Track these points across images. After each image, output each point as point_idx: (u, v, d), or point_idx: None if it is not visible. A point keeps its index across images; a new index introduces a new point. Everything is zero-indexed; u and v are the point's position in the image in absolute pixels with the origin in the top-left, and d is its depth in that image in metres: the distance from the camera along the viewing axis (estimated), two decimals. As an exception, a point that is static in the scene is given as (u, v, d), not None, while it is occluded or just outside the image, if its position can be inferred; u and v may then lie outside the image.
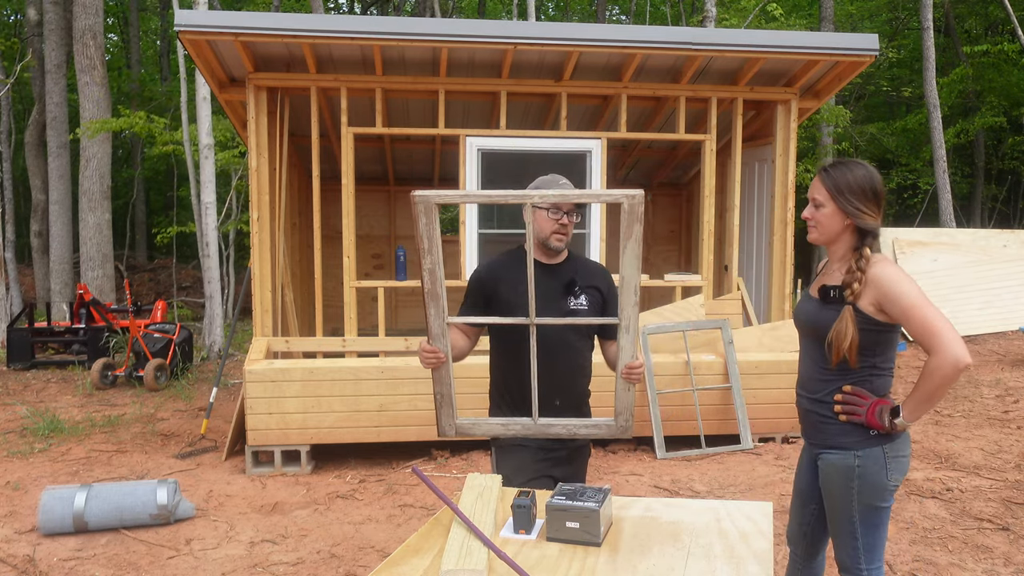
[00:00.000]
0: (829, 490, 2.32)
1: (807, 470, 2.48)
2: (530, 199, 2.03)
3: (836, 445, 2.27)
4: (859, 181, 2.22)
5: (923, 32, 12.93)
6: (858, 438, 2.24)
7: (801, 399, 2.39)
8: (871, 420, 2.21)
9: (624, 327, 2.14)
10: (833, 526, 2.36)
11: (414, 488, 4.92)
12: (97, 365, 8.14)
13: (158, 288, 17.06)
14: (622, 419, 2.29)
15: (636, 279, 2.07)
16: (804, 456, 2.51)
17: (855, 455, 2.24)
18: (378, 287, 6.28)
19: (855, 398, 2.24)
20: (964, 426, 6.06)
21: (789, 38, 5.88)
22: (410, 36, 5.49)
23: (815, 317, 2.29)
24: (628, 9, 22.72)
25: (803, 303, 2.41)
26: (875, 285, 2.16)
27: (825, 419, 2.30)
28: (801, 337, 2.42)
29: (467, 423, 2.39)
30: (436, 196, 2.05)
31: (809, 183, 3.24)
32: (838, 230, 2.26)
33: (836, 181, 2.23)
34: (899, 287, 2.13)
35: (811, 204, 2.29)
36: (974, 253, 10.28)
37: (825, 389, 2.29)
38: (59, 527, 4.09)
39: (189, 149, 10.79)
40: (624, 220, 2.00)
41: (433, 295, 2.19)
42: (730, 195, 6.72)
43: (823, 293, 2.27)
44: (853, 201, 2.21)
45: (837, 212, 2.23)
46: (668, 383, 5.69)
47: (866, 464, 2.23)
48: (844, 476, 2.26)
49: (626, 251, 2.03)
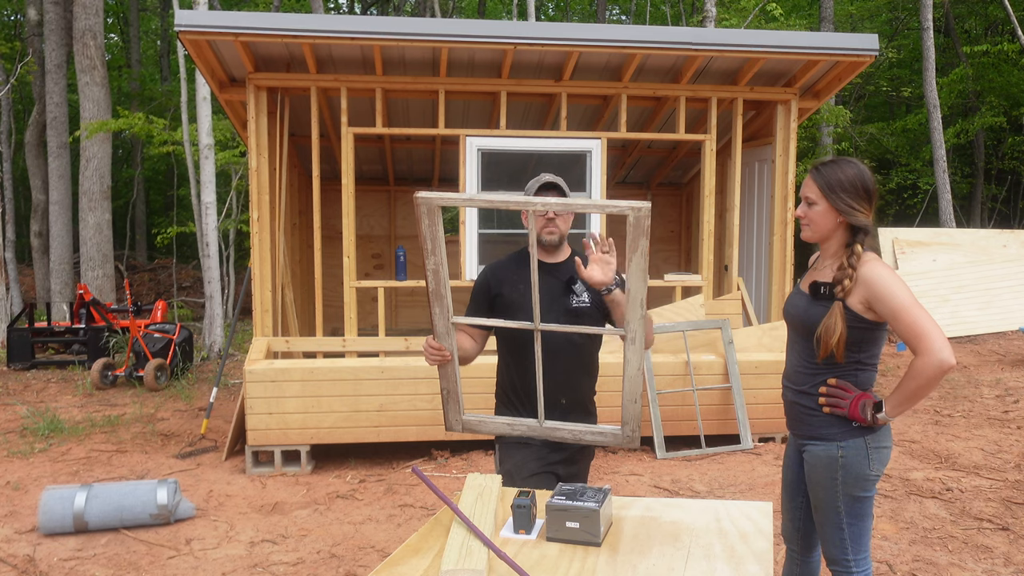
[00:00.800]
0: (815, 481, 2.35)
1: (793, 463, 2.52)
2: (532, 206, 2.02)
3: (820, 436, 2.32)
4: (850, 179, 2.24)
5: (923, 32, 12.93)
6: (841, 429, 2.28)
7: (787, 391, 2.43)
8: (854, 413, 2.25)
9: (630, 339, 2.13)
10: (819, 518, 2.38)
11: (414, 488, 4.92)
12: (97, 365, 8.14)
13: (158, 288, 17.06)
14: (628, 428, 2.28)
15: (643, 293, 2.05)
16: (789, 449, 2.54)
17: (838, 446, 2.28)
18: (378, 287, 6.28)
19: (839, 391, 2.28)
20: (964, 426, 6.06)
21: (789, 38, 5.88)
22: (410, 36, 5.49)
23: (804, 312, 2.32)
24: (628, 9, 22.74)
25: (794, 297, 2.43)
26: (865, 284, 2.19)
27: (810, 411, 2.34)
28: (789, 330, 2.45)
29: (474, 420, 2.40)
30: (439, 198, 2.04)
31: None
32: (831, 228, 2.29)
33: (828, 179, 2.25)
34: (889, 288, 2.16)
35: (803, 202, 2.31)
36: (974, 253, 10.28)
37: (811, 382, 2.33)
38: (59, 527, 4.09)
39: (189, 149, 10.79)
40: (630, 233, 1.98)
41: (437, 295, 2.20)
42: (730, 195, 6.72)
43: (814, 289, 2.29)
44: (845, 199, 2.24)
45: (829, 210, 2.26)
46: (668, 383, 5.69)
47: (848, 455, 2.28)
48: (828, 467, 2.30)
49: (632, 264, 2.01)
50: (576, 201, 2.04)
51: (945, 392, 7.25)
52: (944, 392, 7.25)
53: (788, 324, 2.44)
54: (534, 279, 2.15)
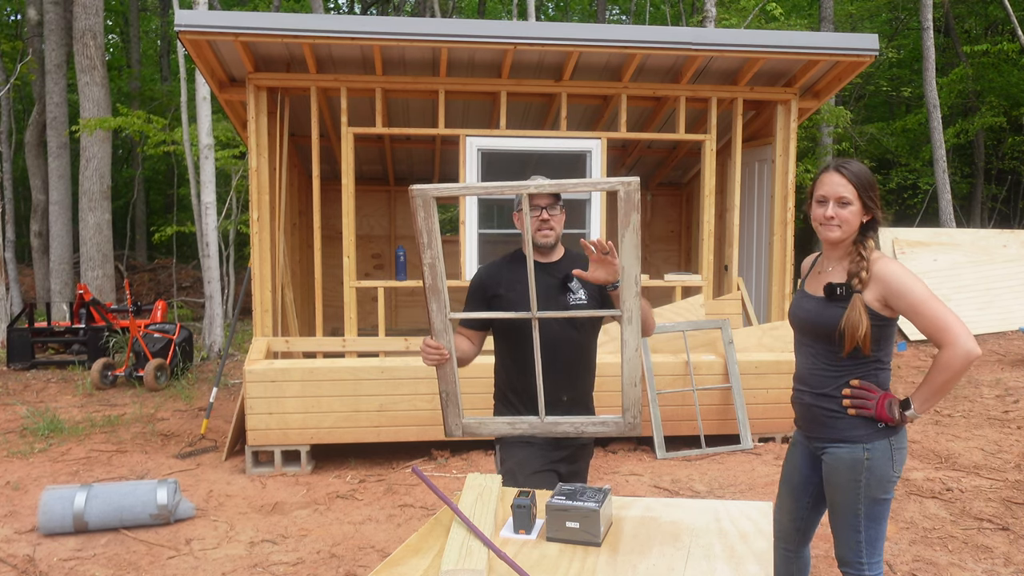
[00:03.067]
0: (836, 484, 2.34)
1: (803, 465, 2.50)
2: (526, 190, 2.04)
3: (845, 439, 2.30)
4: (871, 176, 2.29)
5: (923, 32, 12.93)
6: (867, 431, 2.28)
7: (802, 395, 2.41)
8: (881, 414, 2.25)
9: (627, 319, 2.14)
10: (835, 520, 2.37)
11: (414, 488, 4.92)
12: (97, 365, 8.14)
13: (158, 288, 17.06)
14: (630, 415, 2.28)
15: (636, 269, 2.07)
16: (798, 452, 2.53)
17: (864, 448, 2.28)
18: (378, 287, 6.28)
19: (864, 392, 2.27)
20: (964, 426, 6.06)
21: (789, 38, 5.88)
22: (410, 36, 5.49)
23: (819, 314, 2.31)
24: (628, 9, 22.73)
25: (802, 301, 2.42)
26: (881, 281, 2.21)
27: (833, 413, 2.32)
28: (800, 335, 2.43)
29: (473, 422, 2.39)
30: (434, 190, 2.05)
31: (809, 183, 3.26)
32: (857, 226, 2.30)
33: (859, 178, 2.26)
34: (907, 283, 2.18)
35: (834, 203, 2.27)
36: (974, 253, 10.28)
37: (833, 384, 2.31)
38: (59, 527, 4.09)
39: (189, 149, 10.79)
40: (621, 208, 1.99)
41: (434, 290, 2.19)
42: (730, 195, 6.72)
43: (829, 291, 2.29)
44: (872, 196, 2.28)
45: (861, 208, 2.27)
46: (668, 383, 5.69)
47: (874, 457, 2.27)
48: (852, 469, 2.29)
49: (624, 240, 2.03)
50: (567, 182, 2.07)
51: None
52: (944, 392, 7.25)
53: (797, 328, 2.43)
54: (530, 266, 2.16)
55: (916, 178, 16.47)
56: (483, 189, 2.07)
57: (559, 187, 2.09)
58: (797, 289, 2.53)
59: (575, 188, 2.06)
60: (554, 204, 2.60)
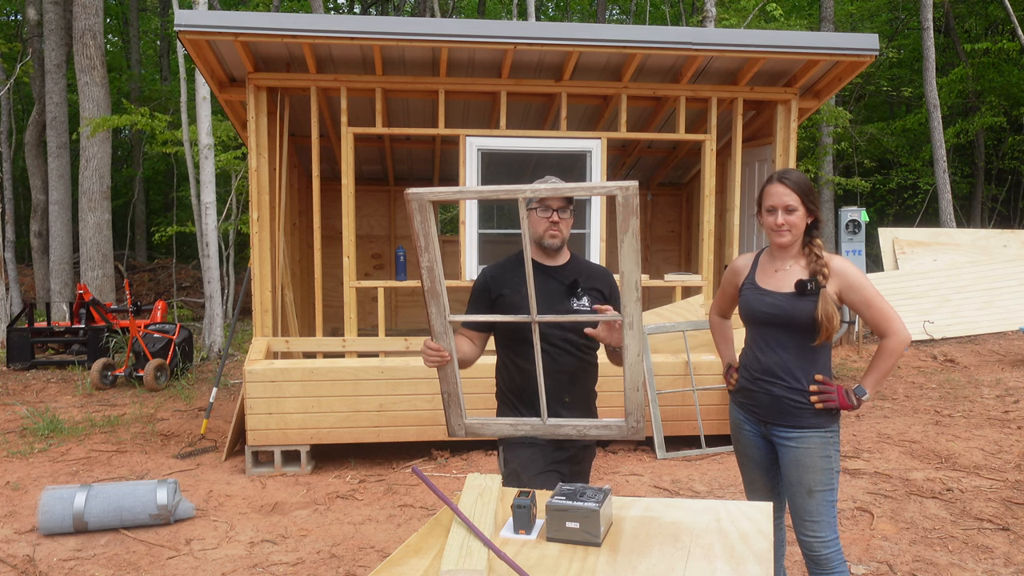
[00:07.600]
0: (810, 465, 2.54)
1: (762, 445, 2.70)
2: (522, 193, 2.03)
3: (813, 425, 2.55)
4: (809, 183, 2.57)
5: (923, 32, 12.93)
6: (828, 417, 2.56)
7: (774, 386, 2.58)
8: (843, 402, 2.52)
9: (628, 323, 2.13)
10: (813, 502, 2.56)
11: (414, 488, 4.92)
12: (97, 365, 8.14)
13: (158, 288, 17.06)
14: (632, 419, 2.28)
15: (636, 274, 2.06)
16: (750, 436, 2.72)
17: (827, 431, 2.55)
18: (378, 287, 6.28)
19: (826, 386, 2.53)
20: (964, 426, 6.06)
21: (789, 38, 5.87)
22: (410, 36, 5.49)
23: (791, 309, 2.51)
24: (628, 9, 22.73)
25: (763, 297, 2.58)
26: (840, 276, 2.50)
27: (803, 404, 2.55)
28: (763, 328, 2.60)
29: (476, 423, 2.39)
30: (430, 193, 2.05)
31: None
32: (803, 228, 2.56)
33: (800, 186, 2.52)
34: (861, 279, 2.50)
35: (782, 211, 2.52)
36: (974, 253, 10.28)
37: (805, 376, 2.55)
38: (59, 527, 4.09)
39: (189, 149, 10.79)
40: (620, 213, 1.99)
41: (433, 293, 2.19)
42: (730, 195, 6.72)
43: (800, 286, 2.50)
44: (813, 200, 2.56)
45: (806, 213, 2.53)
46: (668, 383, 5.69)
47: (835, 437, 2.58)
48: (824, 450, 2.54)
49: (624, 245, 2.02)
50: (565, 185, 2.06)
51: (945, 392, 7.25)
52: (944, 392, 7.25)
53: (762, 323, 2.60)
54: (528, 269, 2.15)
55: (916, 178, 16.48)
56: (478, 193, 2.06)
57: (555, 191, 2.07)
58: (743, 286, 2.68)
59: (573, 192, 2.05)
60: (565, 207, 2.60)
